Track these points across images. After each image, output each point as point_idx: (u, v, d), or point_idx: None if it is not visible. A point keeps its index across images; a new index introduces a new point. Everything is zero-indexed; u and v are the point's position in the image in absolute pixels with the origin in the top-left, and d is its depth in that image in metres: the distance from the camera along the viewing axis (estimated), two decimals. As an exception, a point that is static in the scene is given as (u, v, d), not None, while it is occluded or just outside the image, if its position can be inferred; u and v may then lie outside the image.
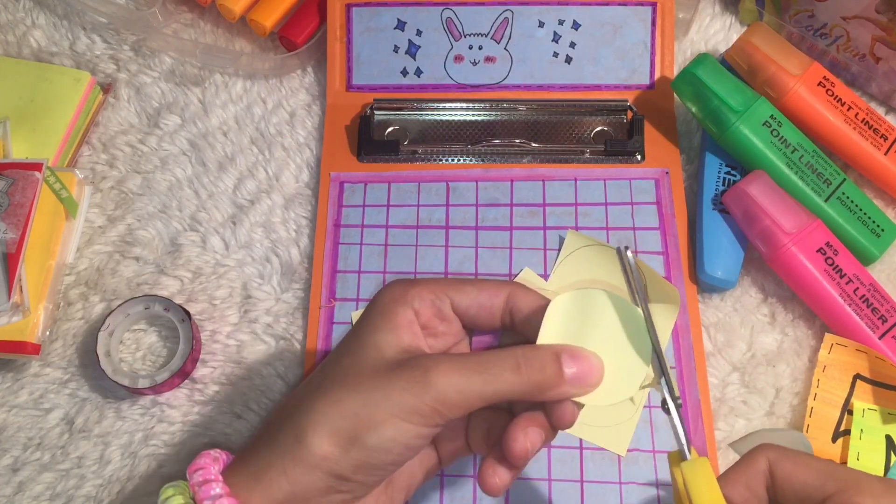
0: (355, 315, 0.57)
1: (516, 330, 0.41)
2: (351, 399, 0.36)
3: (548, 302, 0.39)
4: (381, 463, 0.37)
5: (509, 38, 0.63)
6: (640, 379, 0.39)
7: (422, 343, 0.39)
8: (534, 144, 0.62)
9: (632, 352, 0.39)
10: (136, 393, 0.55)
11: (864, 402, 0.53)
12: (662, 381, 0.38)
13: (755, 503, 0.36)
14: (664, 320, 0.54)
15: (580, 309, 0.40)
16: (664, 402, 0.37)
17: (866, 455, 0.52)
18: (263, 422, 0.39)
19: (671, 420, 0.37)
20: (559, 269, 0.58)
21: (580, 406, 0.39)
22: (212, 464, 0.38)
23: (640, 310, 0.39)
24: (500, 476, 0.39)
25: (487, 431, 0.41)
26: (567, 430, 0.40)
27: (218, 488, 0.36)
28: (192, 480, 0.37)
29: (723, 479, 0.36)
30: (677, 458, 0.37)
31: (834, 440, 0.53)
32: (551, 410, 0.39)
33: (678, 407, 0.37)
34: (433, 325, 0.40)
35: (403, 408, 0.36)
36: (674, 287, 0.50)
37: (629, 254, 0.38)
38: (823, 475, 0.35)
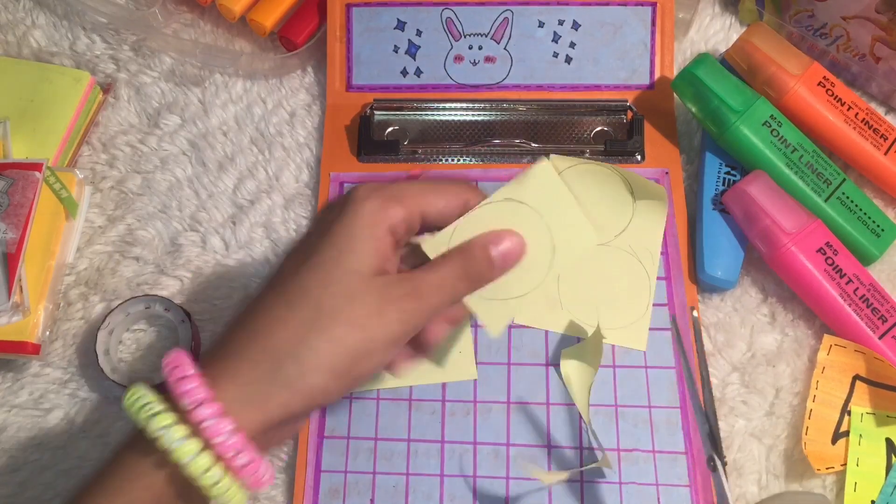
0: None
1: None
2: (350, 336, 0.38)
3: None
4: (362, 385, 0.41)
5: (509, 38, 0.63)
6: (547, 266, 0.43)
7: (394, 264, 0.41)
8: (534, 144, 0.62)
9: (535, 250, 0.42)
10: (136, 393, 0.55)
11: (861, 407, 0.53)
12: (707, 436, 0.39)
13: None
14: (655, 217, 0.57)
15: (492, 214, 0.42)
16: (710, 459, 0.39)
17: (866, 459, 0.52)
18: (241, 329, 0.39)
19: (715, 479, 0.39)
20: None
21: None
22: (197, 382, 0.37)
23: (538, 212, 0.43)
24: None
25: None
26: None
27: (229, 426, 0.36)
28: (182, 400, 0.36)
29: None
30: None
31: (834, 442, 0.53)
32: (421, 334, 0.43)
33: (724, 465, 0.39)
34: (402, 242, 0.41)
35: (395, 338, 0.39)
36: (660, 186, 0.52)
37: (694, 313, 0.39)
38: None
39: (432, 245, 0.42)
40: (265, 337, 0.38)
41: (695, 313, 0.39)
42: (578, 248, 0.43)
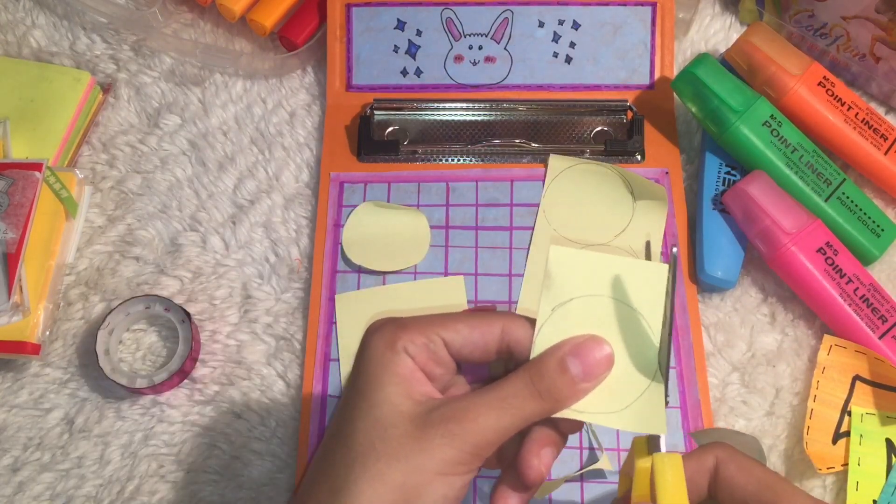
0: (340, 300, 0.57)
1: (516, 361, 0.39)
2: (392, 470, 0.35)
3: None
4: None
5: (509, 38, 0.63)
6: (646, 380, 0.37)
7: (428, 387, 0.38)
8: (534, 144, 0.62)
9: (634, 351, 0.38)
10: (135, 393, 0.55)
11: (862, 407, 0.53)
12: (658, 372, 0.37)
13: (694, 496, 0.37)
14: (655, 217, 0.56)
15: (574, 316, 0.38)
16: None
17: (867, 459, 0.52)
18: (304, 478, 0.38)
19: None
20: (548, 193, 0.59)
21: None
22: None
23: (633, 309, 0.38)
24: (513, 502, 0.39)
25: (499, 450, 0.40)
26: (591, 423, 0.39)
27: None
28: None
29: None
30: (643, 446, 0.37)
31: (834, 442, 0.53)
32: (558, 420, 0.38)
33: (667, 395, 0.37)
34: (429, 368, 0.38)
35: (446, 463, 0.35)
36: (660, 186, 0.52)
37: (674, 250, 0.36)
38: (762, 485, 0.36)
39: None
40: (308, 498, 0.37)
41: (674, 249, 0.37)
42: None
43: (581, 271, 0.38)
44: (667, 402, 0.37)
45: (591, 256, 0.38)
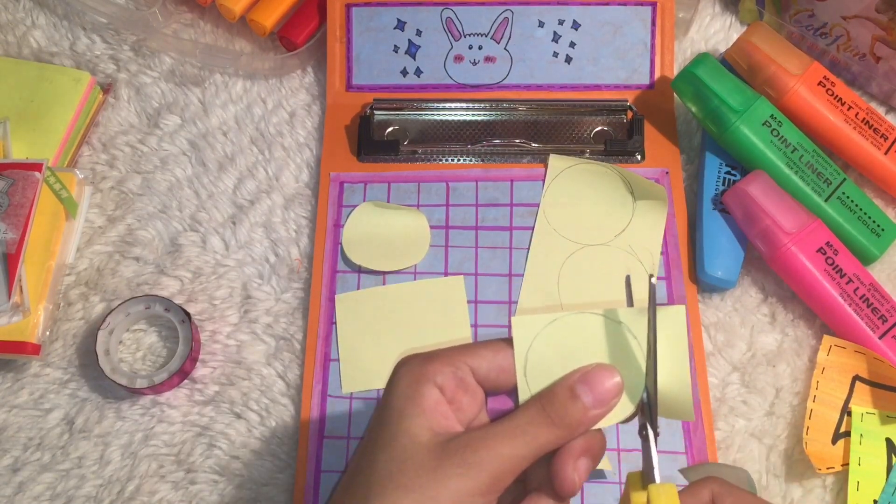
0: (340, 300, 0.57)
1: None
2: (406, 500, 0.35)
3: None
4: None
5: (509, 38, 0.63)
6: (636, 399, 0.38)
7: (452, 421, 0.38)
8: (534, 144, 0.62)
9: (623, 371, 0.38)
10: (135, 393, 0.55)
11: (862, 406, 0.53)
12: (647, 406, 0.38)
13: None
14: (655, 217, 0.56)
15: (567, 332, 0.39)
16: (643, 428, 0.38)
17: (867, 459, 0.52)
18: None
19: (647, 446, 0.37)
20: (548, 193, 0.59)
21: None
22: None
23: (629, 330, 0.38)
24: None
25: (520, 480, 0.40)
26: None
27: None
28: None
29: None
30: (637, 480, 0.37)
31: (834, 442, 0.53)
32: (586, 439, 0.38)
33: (657, 435, 0.37)
34: (458, 398, 0.38)
35: (462, 493, 0.35)
36: (660, 186, 0.51)
37: (652, 280, 0.37)
38: None
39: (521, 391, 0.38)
40: None
41: (652, 280, 0.37)
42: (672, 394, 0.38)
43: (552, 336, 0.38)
44: (657, 433, 0.37)
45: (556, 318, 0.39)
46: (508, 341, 0.39)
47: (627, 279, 0.39)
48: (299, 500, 0.52)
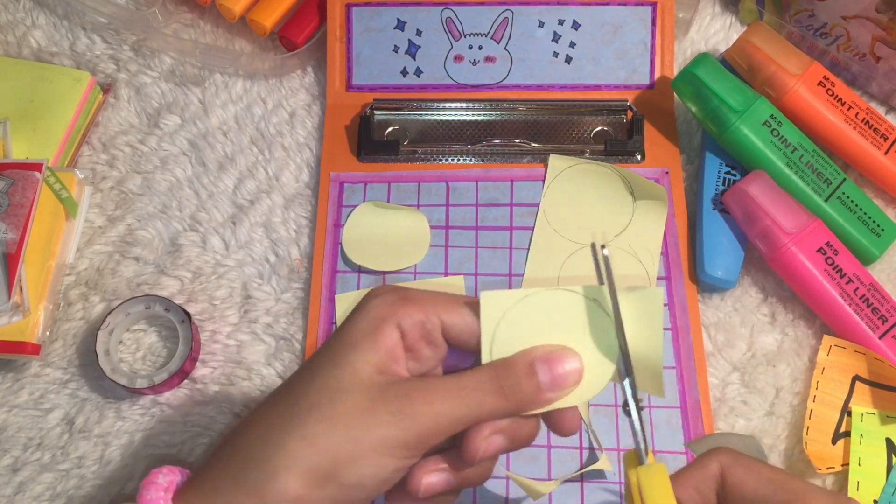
0: (340, 300, 0.57)
1: None
2: (327, 435, 0.33)
3: None
4: (357, 499, 0.34)
5: (509, 38, 0.63)
6: (607, 377, 0.37)
7: (401, 367, 0.36)
8: (534, 144, 0.62)
9: (595, 349, 0.37)
10: (135, 393, 0.55)
11: (862, 406, 0.53)
12: (626, 382, 0.36)
13: None
14: (655, 217, 0.56)
15: (538, 308, 0.37)
16: (625, 404, 0.36)
17: (867, 459, 0.52)
18: (223, 439, 0.36)
19: (631, 423, 0.36)
20: (548, 193, 0.59)
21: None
22: (164, 496, 0.35)
23: (603, 307, 0.37)
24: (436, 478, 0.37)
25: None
26: (587, 422, 0.37)
27: None
28: None
29: (673, 479, 0.36)
30: (634, 459, 0.36)
31: (834, 442, 0.53)
32: (550, 420, 0.37)
33: (640, 410, 0.36)
34: (418, 347, 0.36)
35: (387, 442, 0.34)
36: (660, 186, 0.51)
37: (604, 251, 0.36)
38: (773, 485, 0.35)
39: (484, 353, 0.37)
40: (238, 436, 0.35)
41: (605, 251, 0.36)
42: (648, 371, 0.37)
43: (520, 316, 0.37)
44: (640, 408, 0.36)
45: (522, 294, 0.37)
46: None
47: (593, 246, 0.37)
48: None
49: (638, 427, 0.36)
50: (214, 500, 0.34)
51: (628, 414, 0.36)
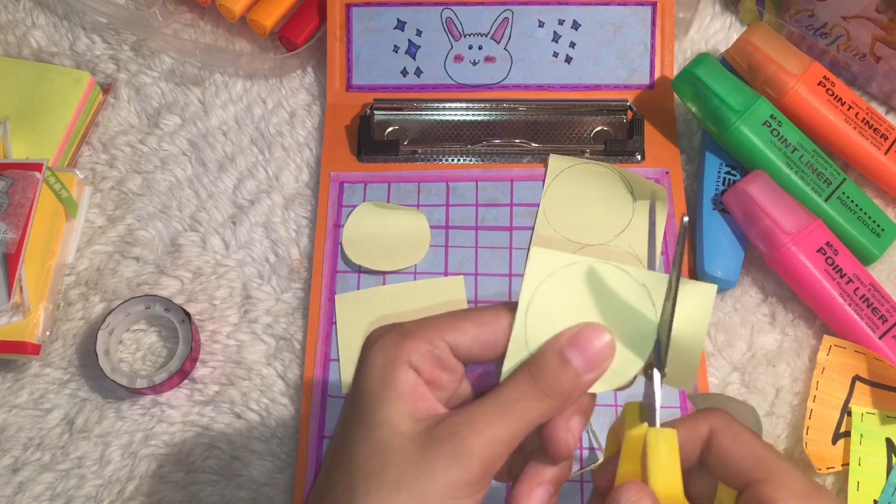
0: (340, 300, 0.57)
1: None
2: (394, 499, 0.32)
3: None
4: None
5: (509, 38, 0.63)
6: (648, 347, 0.35)
7: (432, 402, 0.35)
8: (534, 144, 0.62)
9: (632, 334, 0.35)
10: (135, 393, 0.55)
11: (862, 406, 0.53)
12: (654, 345, 0.35)
13: (683, 462, 0.35)
14: (656, 217, 0.56)
15: (560, 289, 0.36)
16: (648, 367, 0.35)
17: (867, 459, 0.52)
18: None
19: (650, 386, 0.35)
20: (548, 193, 0.59)
21: None
22: None
23: (650, 295, 0.36)
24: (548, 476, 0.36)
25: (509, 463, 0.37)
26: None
27: None
28: None
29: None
30: (635, 412, 0.35)
31: (834, 442, 0.53)
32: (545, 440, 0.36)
33: (663, 375, 0.35)
34: (436, 377, 0.35)
35: (452, 486, 0.33)
36: (660, 186, 0.52)
37: (684, 219, 0.34)
38: (755, 460, 0.34)
39: (507, 363, 0.35)
40: None
41: (685, 219, 0.34)
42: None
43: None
44: (664, 374, 0.35)
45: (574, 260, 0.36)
46: (494, 312, 0.36)
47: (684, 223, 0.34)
48: (299, 500, 0.52)
49: (658, 394, 0.35)
50: None
51: (650, 378, 0.35)
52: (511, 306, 0.36)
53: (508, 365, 0.35)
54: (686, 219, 0.33)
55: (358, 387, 0.35)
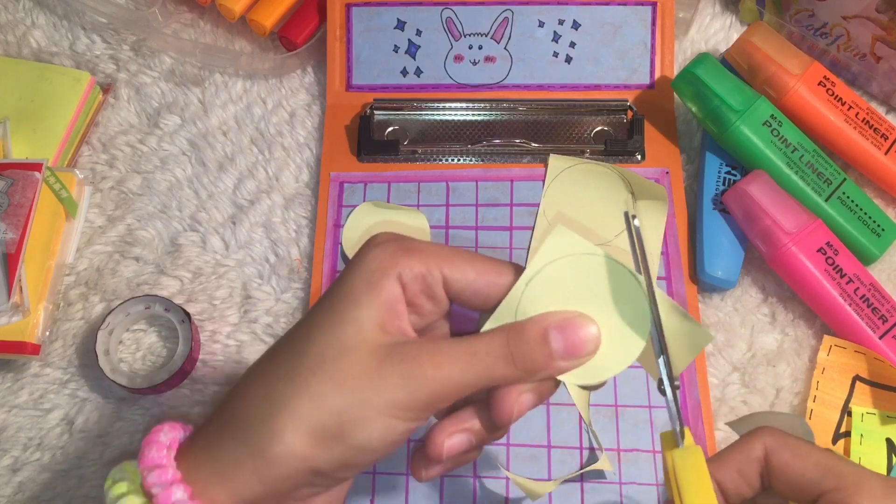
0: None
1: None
2: (334, 395, 0.33)
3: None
4: (366, 461, 0.34)
5: (509, 38, 0.63)
6: (634, 354, 0.35)
7: (405, 323, 0.35)
8: (534, 144, 0.62)
9: (624, 323, 0.36)
10: (135, 393, 0.55)
11: (862, 406, 0.53)
12: (661, 360, 0.35)
13: (746, 490, 0.34)
14: (655, 218, 0.56)
15: (567, 272, 0.37)
16: (660, 383, 0.35)
17: (867, 459, 0.52)
18: (223, 398, 0.36)
19: (667, 403, 0.35)
20: (548, 193, 0.59)
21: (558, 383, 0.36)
22: (166, 455, 0.34)
23: (641, 278, 0.36)
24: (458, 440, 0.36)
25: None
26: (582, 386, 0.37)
27: (180, 492, 0.33)
28: (146, 479, 0.34)
29: (715, 461, 0.35)
30: (671, 440, 0.35)
31: (834, 442, 0.53)
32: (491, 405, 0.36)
33: (675, 389, 0.35)
34: (419, 302, 0.35)
35: (395, 404, 0.33)
36: (660, 186, 0.52)
37: (635, 222, 0.35)
38: (822, 469, 0.33)
39: (494, 318, 0.35)
40: (240, 395, 0.34)
41: (635, 222, 0.35)
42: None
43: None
44: (675, 387, 0.35)
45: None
46: (498, 267, 0.36)
47: (626, 215, 0.36)
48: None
49: (673, 407, 0.35)
50: (219, 459, 0.33)
51: (663, 393, 0.35)
52: (516, 269, 0.36)
53: (491, 323, 0.35)
54: (637, 222, 0.34)
55: (343, 280, 0.35)
